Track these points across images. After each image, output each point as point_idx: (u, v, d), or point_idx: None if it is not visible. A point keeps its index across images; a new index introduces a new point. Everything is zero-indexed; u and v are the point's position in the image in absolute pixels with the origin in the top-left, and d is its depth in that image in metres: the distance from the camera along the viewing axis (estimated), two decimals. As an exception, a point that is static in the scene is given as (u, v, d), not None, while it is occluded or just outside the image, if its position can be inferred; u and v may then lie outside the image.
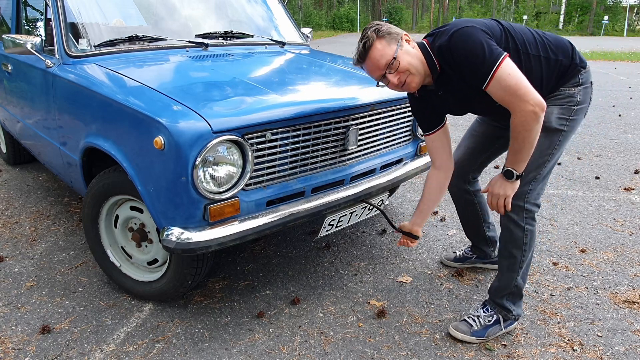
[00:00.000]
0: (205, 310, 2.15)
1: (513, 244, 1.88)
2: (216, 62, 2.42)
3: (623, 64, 13.76)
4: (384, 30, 1.69)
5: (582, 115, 1.82)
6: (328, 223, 2.09)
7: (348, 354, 1.88)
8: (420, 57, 1.72)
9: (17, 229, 2.90)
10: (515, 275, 1.91)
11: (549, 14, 47.43)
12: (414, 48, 1.73)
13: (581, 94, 1.79)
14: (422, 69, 1.73)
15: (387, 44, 1.68)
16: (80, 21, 2.42)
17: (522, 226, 1.84)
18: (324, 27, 41.39)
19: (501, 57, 1.57)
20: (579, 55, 1.79)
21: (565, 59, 1.76)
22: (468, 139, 2.22)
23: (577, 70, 1.77)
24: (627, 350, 1.91)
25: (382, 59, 1.68)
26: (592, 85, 1.83)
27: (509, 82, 1.57)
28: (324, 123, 2.00)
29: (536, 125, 1.60)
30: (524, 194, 1.80)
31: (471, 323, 1.95)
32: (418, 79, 1.74)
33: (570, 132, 1.81)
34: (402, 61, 1.69)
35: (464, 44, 1.60)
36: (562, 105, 1.78)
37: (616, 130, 5.56)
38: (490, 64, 1.57)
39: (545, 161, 1.79)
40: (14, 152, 3.92)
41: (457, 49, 1.62)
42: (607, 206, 3.32)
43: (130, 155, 1.85)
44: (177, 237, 1.73)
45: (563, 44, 1.78)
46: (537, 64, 1.73)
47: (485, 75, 1.59)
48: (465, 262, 2.48)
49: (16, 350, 1.88)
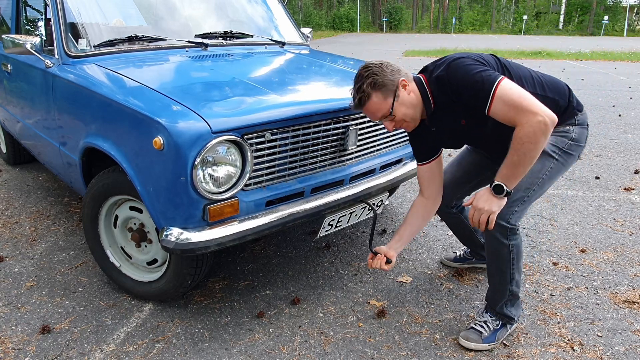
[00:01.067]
0: (205, 310, 2.15)
1: (500, 261, 1.85)
2: (216, 62, 2.42)
3: (623, 64, 13.75)
4: (379, 83, 1.68)
5: (576, 154, 1.81)
6: (327, 223, 2.09)
7: (348, 354, 1.88)
8: (415, 103, 1.74)
9: (17, 229, 2.90)
10: (507, 285, 1.89)
11: (549, 14, 47.42)
12: (410, 94, 1.72)
13: (577, 132, 1.78)
14: (417, 114, 1.76)
15: (384, 98, 1.70)
16: (80, 21, 2.42)
17: (506, 243, 1.80)
18: (324, 27, 41.38)
19: (499, 77, 1.57)
20: (576, 99, 1.78)
21: (562, 100, 1.75)
22: (455, 166, 2.18)
23: (574, 112, 1.78)
24: (627, 350, 1.91)
25: (378, 112, 1.73)
26: (588, 127, 1.82)
27: (512, 97, 1.54)
28: (324, 123, 2.00)
29: (542, 138, 1.53)
30: (509, 214, 1.75)
31: (480, 330, 1.93)
32: (413, 124, 1.79)
33: (563, 165, 1.79)
34: (397, 114, 1.73)
35: (461, 71, 1.62)
36: (557, 136, 1.77)
37: (616, 130, 5.56)
38: (489, 84, 1.56)
39: (535, 184, 1.76)
40: (14, 152, 3.92)
41: (455, 77, 1.63)
42: (607, 206, 3.32)
43: (129, 156, 1.85)
44: (176, 237, 1.73)
45: (560, 86, 1.77)
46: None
47: (486, 97, 1.56)
48: (465, 262, 2.48)
49: (16, 350, 1.88)
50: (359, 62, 2.97)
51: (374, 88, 1.68)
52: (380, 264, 1.92)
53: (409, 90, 1.72)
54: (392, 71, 1.70)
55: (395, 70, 1.71)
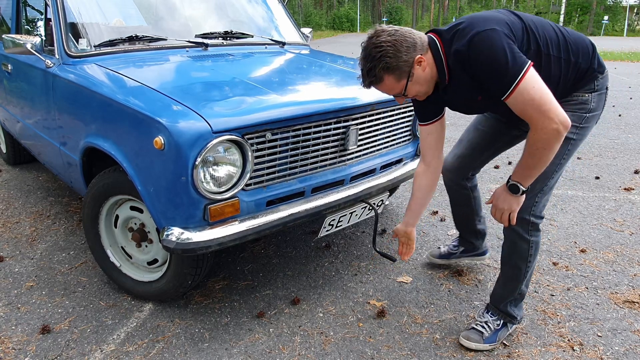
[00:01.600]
0: (205, 310, 2.15)
1: (517, 256, 1.83)
2: (216, 62, 2.42)
3: (623, 64, 13.76)
4: (393, 66, 1.53)
5: (593, 123, 1.73)
6: (328, 223, 2.10)
7: (348, 354, 1.88)
8: (430, 78, 1.62)
9: (17, 229, 2.90)
10: (519, 284, 1.88)
11: (549, 14, 47.44)
12: (425, 69, 1.59)
13: (595, 101, 1.69)
14: (431, 88, 1.66)
15: (397, 80, 1.57)
16: (80, 21, 2.42)
17: (527, 239, 1.78)
18: (324, 27, 41.39)
19: (525, 66, 1.44)
20: (599, 59, 1.69)
21: (584, 62, 1.65)
22: (472, 132, 2.09)
23: (595, 75, 1.67)
24: (627, 350, 1.91)
25: (390, 92, 1.64)
26: (607, 90, 1.73)
27: (533, 96, 1.44)
28: (324, 123, 2.00)
29: (556, 144, 1.49)
30: (530, 206, 1.72)
31: (481, 330, 1.92)
32: (425, 96, 1.70)
33: (580, 140, 1.72)
34: (410, 92, 1.63)
35: (485, 52, 1.46)
36: (574, 112, 1.67)
37: (616, 130, 5.56)
38: (513, 74, 1.44)
39: (553, 171, 1.70)
40: (14, 152, 3.92)
41: (477, 57, 1.48)
42: (607, 206, 3.32)
43: (130, 155, 1.85)
44: (177, 237, 1.73)
45: (584, 45, 1.67)
46: (557, 66, 1.62)
47: (507, 86, 1.46)
48: (451, 258, 2.47)
49: (16, 350, 1.88)
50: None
51: (387, 71, 1.54)
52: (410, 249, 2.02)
53: (424, 66, 1.58)
54: (407, 49, 1.53)
55: (410, 46, 1.54)
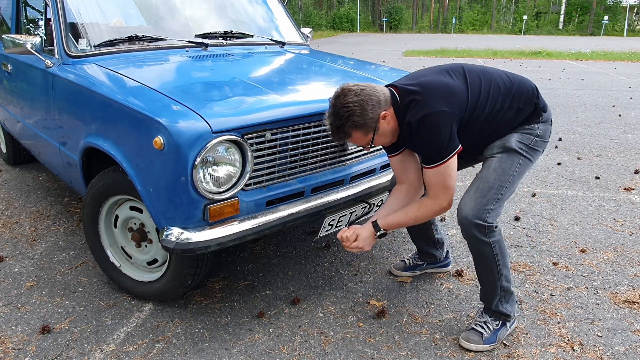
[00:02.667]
0: (205, 310, 2.15)
1: (485, 260, 1.87)
2: (216, 62, 2.42)
3: (623, 64, 13.75)
4: (360, 124, 1.68)
5: (541, 149, 1.88)
6: (328, 223, 2.09)
7: (348, 354, 1.88)
8: (394, 130, 1.78)
9: (17, 229, 2.90)
10: (497, 282, 1.90)
11: (549, 14, 47.42)
12: (390, 123, 1.74)
13: (541, 129, 1.85)
14: (394, 137, 1.82)
15: (364, 134, 1.72)
16: (80, 21, 2.42)
17: (487, 241, 1.81)
18: (324, 27, 41.37)
19: (452, 152, 1.70)
20: (541, 100, 1.86)
21: (528, 106, 1.82)
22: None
23: (539, 113, 1.85)
24: (627, 350, 1.91)
25: (358, 143, 1.79)
26: (551, 123, 1.90)
27: (444, 177, 1.73)
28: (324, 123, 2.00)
29: (432, 214, 1.81)
30: (485, 213, 1.77)
31: (481, 331, 1.92)
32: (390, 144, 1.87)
33: (530, 161, 1.86)
34: (376, 143, 1.79)
35: (429, 133, 1.68)
36: (524, 134, 1.84)
37: (616, 130, 5.56)
38: (441, 156, 1.70)
39: (506, 181, 1.81)
40: (14, 152, 3.92)
41: (422, 133, 1.70)
42: (607, 206, 3.32)
43: (129, 155, 1.85)
44: (176, 237, 1.73)
45: (526, 91, 1.83)
46: (500, 115, 1.80)
47: (433, 161, 1.71)
48: (417, 270, 2.42)
49: (16, 350, 1.88)
50: (359, 62, 2.97)
51: (355, 128, 1.69)
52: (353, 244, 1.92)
53: (388, 120, 1.73)
54: (372, 107, 1.68)
55: (376, 104, 1.69)
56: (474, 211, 1.77)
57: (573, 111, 6.63)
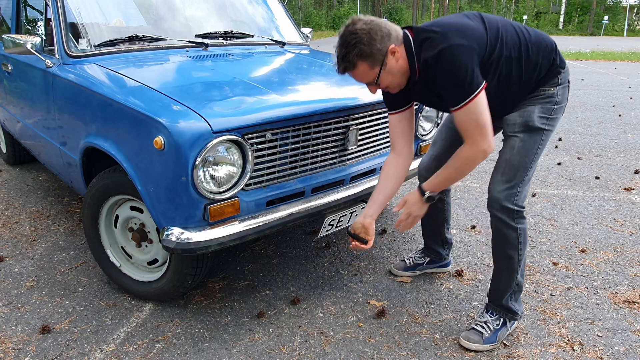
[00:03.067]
0: (205, 310, 2.15)
1: (509, 245, 1.86)
2: (216, 62, 2.42)
3: (623, 64, 13.76)
4: (367, 53, 1.58)
5: (561, 114, 1.83)
6: (328, 223, 2.09)
7: (348, 354, 1.88)
8: (403, 71, 1.68)
9: (17, 229, 2.90)
10: (515, 274, 1.90)
11: (549, 14, 47.43)
12: (399, 61, 1.65)
13: (560, 94, 1.79)
14: (403, 81, 1.72)
15: (370, 68, 1.63)
16: (80, 21, 2.42)
17: (515, 227, 1.82)
18: (324, 27, 41.35)
19: (478, 88, 1.58)
20: (560, 57, 1.79)
21: (545, 60, 1.75)
22: (444, 132, 2.09)
23: (557, 71, 1.77)
24: (627, 350, 1.91)
25: (363, 80, 1.69)
26: (569, 84, 1.83)
27: (477, 117, 1.60)
28: (324, 123, 2.00)
29: (476, 164, 1.69)
30: (513, 196, 1.78)
31: (481, 330, 1.92)
32: (397, 89, 1.76)
33: (551, 131, 1.81)
34: (383, 82, 1.69)
35: (449, 67, 1.57)
36: (543, 105, 1.78)
37: (616, 130, 5.56)
38: (466, 94, 1.58)
39: (531, 161, 1.79)
40: (14, 152, 3.92)
41: (441, 69, 1.59)
42: (607, 206, 3.32)
43: (130, 155, 1.85)
44: (177, 237, 1.73)
45: (544, 45, 1.76)
46: (517, 67, 1.72)
47: (458, 102, 1.60)
48: (417, 269, 2.42)
49: (16, 350, 1.88)
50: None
51: (361, 57, 1.59)
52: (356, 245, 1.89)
53: (397, 57, 1.64)
54: (381, 38, 1.59)
55: (385, 35, 1.60)
56: (503, 195, 1.77)
57: (573, 111, 6.63)
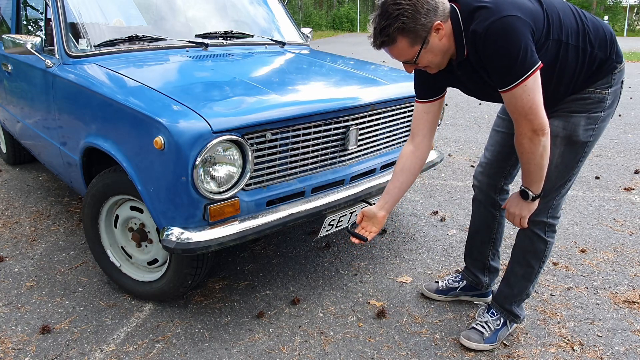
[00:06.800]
0: (205, 310, 2.15)
1: (533, 255, 1.82)
2: (216, 62, 2.42)
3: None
4: (409, 29, 1.41)
5: (608, 120, 1.67)
6: (328, 223, 2.09)
7: (348, 354, 1.88)
8: (446, 50, 1.50)
9: (17, 229, 2.90)
10: (530, 284, 1.88)
11: (549, 14, 47.37)
12: (442, 39, 1.47)
13: (611, 98, 1.62)
14: (445, 61, 1.55)
15: (410, 45, 1.45)
16: (80, 21, 2.42)
17: (545, 239, 1.79)
18: (324, 27, 41.33)
19: (533, 68, 1.40)
20: (617, 50, 1.60)
21: (602, 52, 1.57)
22: (493, 137, 1.95)
23: (612, 67, 1.59)
24: (627, 350, 1.91)
25: (400, 57, 1.51)
26: (622, 84, 1.66)
27: (528, 99, 1.43)
28: (324, 123, 2.00)
29: (536, 148, 1.49)
30: (548, 209, 1.73)
31: (481, 330, 1.92)
32: (436, 69, 1.58)
33: (596, 139, 1.67)
34: (422, 61, 1.51)
35: (501, 41, 1.39)
36: (590, 112, 1.61)
37: (616, 130, 5.56)
38: (519, 73, 1.40)
39: (571, 175, 1.70)
40: (14, 152, 3.92)
41: (492, 43, 1.40)
42: (607, 206, 3.32)
43: (130, 155, 1.85)
44: (177, 237, 1.73)
45: (602, 34, 1.58)
46: (574, 55, 1.54)
47: (509, 82, 1.43)
48: (449, 294, 2.20)
49: (16, 350, 1.88)
50: (359, 62, 2.97)
51: (402, 33, 1.42)
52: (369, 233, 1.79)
53: (441, 35, 1.46)
54: (427, 11, 1.41)
55: (432, 8, 1.42)
56: (539, 210, 1.70)
57: (573, 111, 6.62)
